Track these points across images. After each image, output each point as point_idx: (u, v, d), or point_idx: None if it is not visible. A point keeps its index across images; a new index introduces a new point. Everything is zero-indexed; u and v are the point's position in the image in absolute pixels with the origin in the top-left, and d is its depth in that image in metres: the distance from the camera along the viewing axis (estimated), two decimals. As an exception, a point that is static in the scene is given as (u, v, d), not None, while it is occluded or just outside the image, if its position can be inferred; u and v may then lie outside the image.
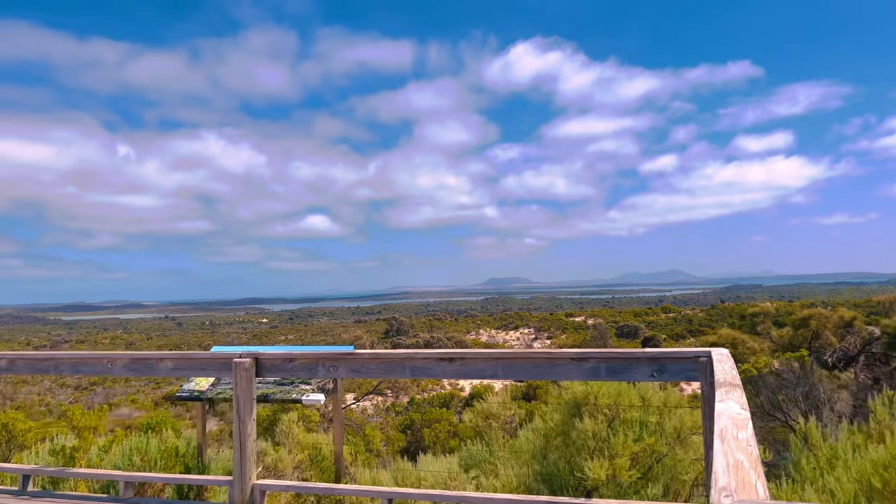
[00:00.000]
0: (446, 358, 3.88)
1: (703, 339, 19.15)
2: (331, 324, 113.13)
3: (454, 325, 75.27)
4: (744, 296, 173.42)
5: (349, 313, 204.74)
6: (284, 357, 4.34)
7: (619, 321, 65.79)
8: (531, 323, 71.79)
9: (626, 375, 3.59)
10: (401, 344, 47.59)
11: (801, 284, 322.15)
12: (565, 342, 56.95)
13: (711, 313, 74.32)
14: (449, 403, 24.17)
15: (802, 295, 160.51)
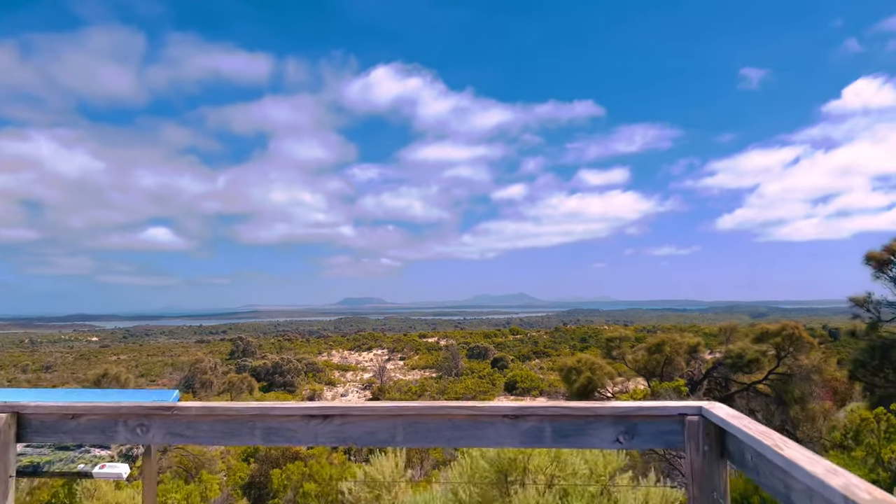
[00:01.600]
0: (319, 415, 2.71)
1: (561, 363, 19.92)
2: (170, 343, 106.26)
3: (305, 346, 73.37)
4: (583, 319, 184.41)
5: (191, 332, 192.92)
6: (63, 412, 2.80)
7: (469, 342, 67.34)
8: (385, 344, 71.64)
9: (581, 440, 2.60)
10: (246, 366, 45.52)
11: (633, 310, 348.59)
12: (418, 363, 57.29)
13: (555, 335, 78.21)
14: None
15: (635, 319, 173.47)
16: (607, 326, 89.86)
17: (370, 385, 44.80)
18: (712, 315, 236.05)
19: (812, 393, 14.47)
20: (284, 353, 54.06)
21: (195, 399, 34.75)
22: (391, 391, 40.06)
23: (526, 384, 42.14)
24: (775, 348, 15.25)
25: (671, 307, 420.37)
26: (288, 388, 41.85)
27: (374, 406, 2.76)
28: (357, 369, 54.98)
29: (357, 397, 41.17)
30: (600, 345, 60.98)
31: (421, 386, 42.42)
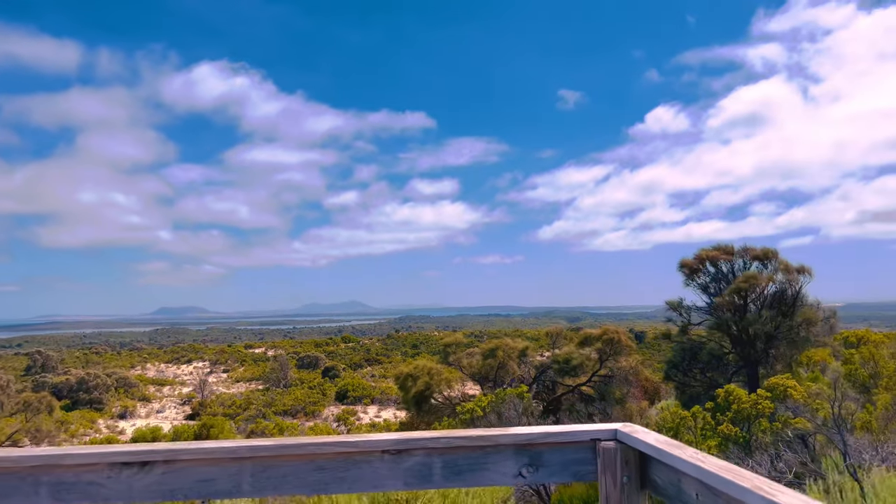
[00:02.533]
0: (134, 461, 2.02)
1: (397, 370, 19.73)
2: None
3: (116, 358, 67.35)
4: (415, 325, 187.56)
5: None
6: None
7: (300, 352, 65.59)
8: (206, 356, 67.76)
9: (478, 476, 2.15)
10: (45, 383, 40.74)
11: (462, 315, 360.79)
12: (243, 375, 54.77)
13: (388, 342, 78.58)
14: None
15: (464, 325, 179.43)
16: (437, 332, 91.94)
17: (190, 400, 42.01)
18: (533, 319, 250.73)
19: (629, 393, 15.58)
20: (91, 368, 49.13)
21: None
22: (213, 405, 37.80)
23: (358, 392, 41.78)
24: (598, 352, 16.29)
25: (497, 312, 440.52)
26: (95, 406, 38.04)
27: (210, 446, 2.06)
28: (175, 383, 51.46)
29: (175, 413, 38.35)
30: (432, 350, 62.18)
31: (246, 399, 40.51)
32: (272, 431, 24.37)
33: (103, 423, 33.04)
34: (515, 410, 10.10)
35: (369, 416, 36.49)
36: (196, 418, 33.15)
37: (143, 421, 34.44)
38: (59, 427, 25.75)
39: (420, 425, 15.17)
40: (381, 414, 36.74)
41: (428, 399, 15.33)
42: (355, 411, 36.87)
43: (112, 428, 31.82)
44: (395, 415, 35.47)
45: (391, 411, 37.32)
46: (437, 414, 14.76)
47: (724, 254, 15.75)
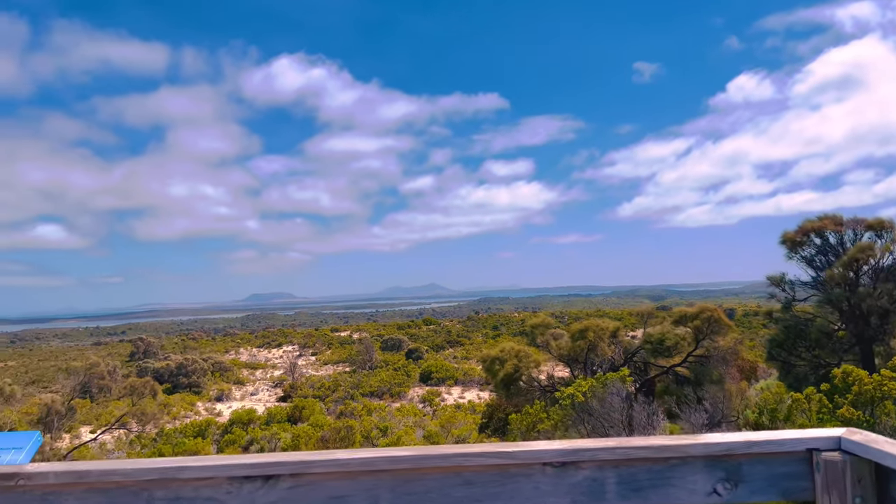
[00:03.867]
0: (257, 475, 1.81)
1: (483, 353, 19.59)
2: (63, 347, 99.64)
3: (211, 344, 70.47)
4: (494, 307, 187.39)
5: (86, 334, 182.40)
6: None
7: (383, 334, 66.65)
8: (295, 339, 69.86)
9: (661, 494, 1.77)
10: (148, 368, 43.02)
11: (541, 297, 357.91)
12: (331, 358, 56.15)
13: (468, 324, 78.77)
14: (205, 432, 22.05)
15: (543, 306, 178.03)
16: (517, 314, 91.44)
17: (281, 382, 43.41)
18: (615, 299, 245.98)
19: (727, 373, 14.83)
20: (189, 353, 51.60)
21: (92, 405, 32.37)
22: (303, 387, 38.89)
23: (441, 374, 42.04)
24: (693, 331, 15.55)
25: (577, 293, 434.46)
26: (194, 389, 39.89)
27: (343, 457, 1.79)
28: (267, 367, 53.29)
29: (268, 395, 39.72)
30: (512, 331, 61.78)
31: (334, 381, 41.48)
32: (360, 412, 24.82)
33: (202, 406, 34.58)
34: (619, 395, 9.64)
35: (453, 396, 36.66)
36: (288, 400, 34.20)
37: (238, 403, 35.84)
38: (162, 410, 27.09)
39: (509, 408, 14.99)
40: (465, 395, 36.84)
41: (516, 382, 15.07)
42: (439, 392, 37.12)
43: (210, 410, 33.25)
44: (479, 396, 35.48)
45: (474, 392, 37.36)
46: (527, 397, 14.49)
47: (832, 224, 14.65)
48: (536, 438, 10.00)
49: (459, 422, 20.45)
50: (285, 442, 18.13)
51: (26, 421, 23.66)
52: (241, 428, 21.90)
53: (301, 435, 17.29)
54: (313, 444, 14.92)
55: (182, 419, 29.09)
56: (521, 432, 10.45)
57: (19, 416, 24.08)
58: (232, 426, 22.61)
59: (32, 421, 23.81)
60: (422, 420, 24.02)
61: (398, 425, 20.50)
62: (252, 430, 21.42)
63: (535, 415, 10.57)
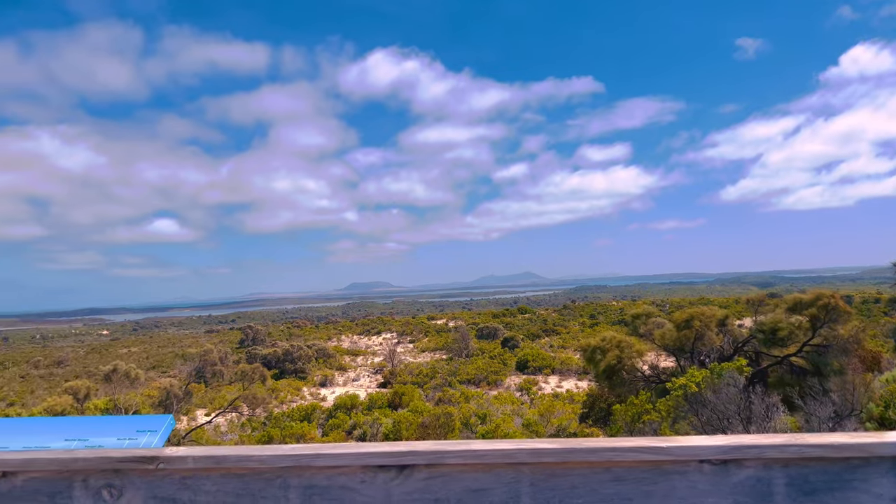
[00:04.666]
0: (392, 465, 1.75)
1: (584, 343, 19.30)
2: (179, 334, 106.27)
3: (314, 331, 73.07)
4: (590, 296, 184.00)
5: (200, 323, 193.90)
6: None
7: (479, 322, 66.90)
8: (393, 327, 71.28)
9: (838, 499, 1.57)
10: (256, 355, 45.16)
11: (640, 285, 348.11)
12: (428, 345, 56.94)
13: (564, 313, 77.77)
14: (310, 416, 22.90)
15: (642, 294, 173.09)
16: (615, 302, 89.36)
17: (381, 369, 44.45)
18: (720, 287, 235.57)
19: (849, 364, 13.85)
20: (294, 340, 53.73)
21: (206, 389, 34.35)
22: (402, 374, 39.66)
23: (538, 363, 41.73)
24: (810, 319, 14.59)
25: (678, 280, 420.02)
26: (299, 375, 41.51)
27: (481, 448, 1.69)
28: (367, 353, 54.67)
29: (369, 381, 40.80)
30: (610, 320, 60.39)
31: (432, 368, 42.04)
32: (458, 399, 25.04)
33: (307, 391, 35.95)
34: (735, 386, 9.12)
35: (550, 385, 36.34)
36: (388, 386, 34.99)
37: (341, 389, 37.01)
38: (271, 394, 28.35)
39: (611, 398, 14.64)
40: (563, 384, 36.45)
41: (619, 372, 14.65)
42: (536, 381, 36.88)
43: (315, 395, 34.52)
44: (577, 385, 35.00)
45: (572, 381, 36.89)
46: (630, 387, 14.08)
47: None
48: (642, 430, 9.71)
49: (558, 411, 20.23)
50: (386, 427, 18.55)
51: (149, 403, 25.40)
52: (344, 413, 22.60)
53: (402, 421, 17.63)
54: (414, 429, 15.18)
55: (289, 403, 30.36)
56: (626, 423, 10.18)
57: (142, 398, 25.88)
58: (336, 411, 23.36)
59: (154, 403, 25.52)
60: (520, 408, 23.95)
61: (496, 413, 20.52)
62: (355, 414, 22.06)
63: (640, 406, 10.25)
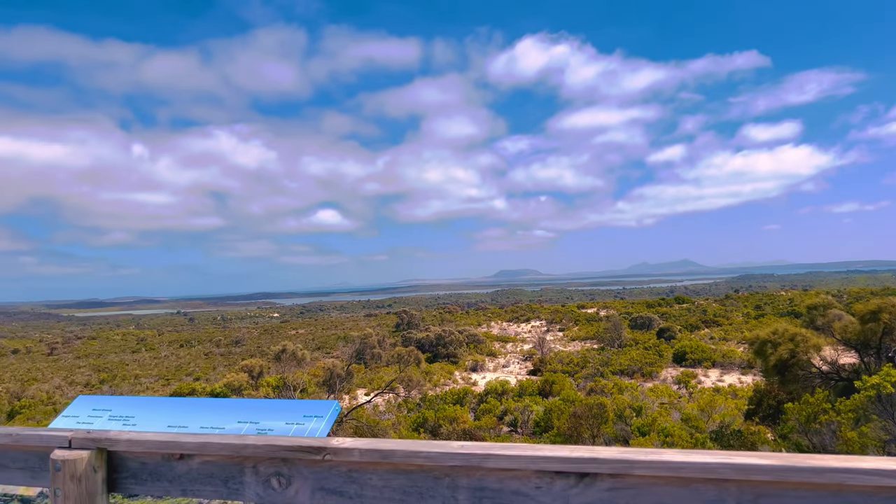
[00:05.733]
0: (571, 472, 1.57)
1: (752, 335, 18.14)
2: (341, 318, 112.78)
3: (465, 317, 74.53)
4: (756, 285, 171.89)
5: (359, 307, 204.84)
6: (166, 450, 1.85)
7: (631, 312, 64.83)
8: (542, 315, 70.97)
9: None
10: (411, 339, 46.86)
11: (813, 273, 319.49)
12: (578, 334, 56.16)
13: (726, 303, 73.30)
14: (463, 400, 23.44)
15: (815, 284, 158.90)
16: (784, 292, 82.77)
17: (531, 356, 44.47)
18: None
19: None
20: (446, 325, 55.14)
21: (365, 370, 36.25)
22: (552, 362, 39.42)
23: (696, 355, 39.72)
24: None
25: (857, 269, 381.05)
26: (451, 359, 42.58)
27: (676, 459, 1.46)
28: (517, 340, 54.90)
29: (518, 368, 41.00)
30: (778, 311, 56.07)
31: (583, 357, 41.41)
32: (611, 390, 24.49)
33: (459, 375, 36.81)
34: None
35: (711, 379, 34.47)
36: (538, 374, 34.96)
37: (491, 374, 37.51)
38: (425, 377, 29.34)
39: (781, 395, 13.59)
40: (724, 378, 34.42)
41: (791, 367, 13.53)
42: (695, 374, 35.14)
43: (466, 380, 35.27)
44: (740, 380, 32.91)
45: (734, 376, 34.73)
46: (804, 384, 12.96)
47: None
48: (818, 430, 8.88)
49: (720, 406, 19.17)
50: (538, 414, 18.56)
51: (314, 382, 27.26)
52: (495, 398, 22.90)
53: (553, 409, 17.56)
54: (565, 418, 15.06)
55: (442, 387, 31.24)
56: (800, 423, 9.38)
57: (308, 377, 27.84)
58: (487, 396, 23.72)
59: (318, 382, 27.33)
60: (677, 402, 22.98)
61: (652, 406, 19.85)
62: (506, 400, 22.27)
63: (816, 405, 9.39)
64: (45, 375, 52.64)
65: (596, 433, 13.79)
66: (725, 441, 11.98)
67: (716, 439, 12.49)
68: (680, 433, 13.38)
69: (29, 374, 55.12)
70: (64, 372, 54.26)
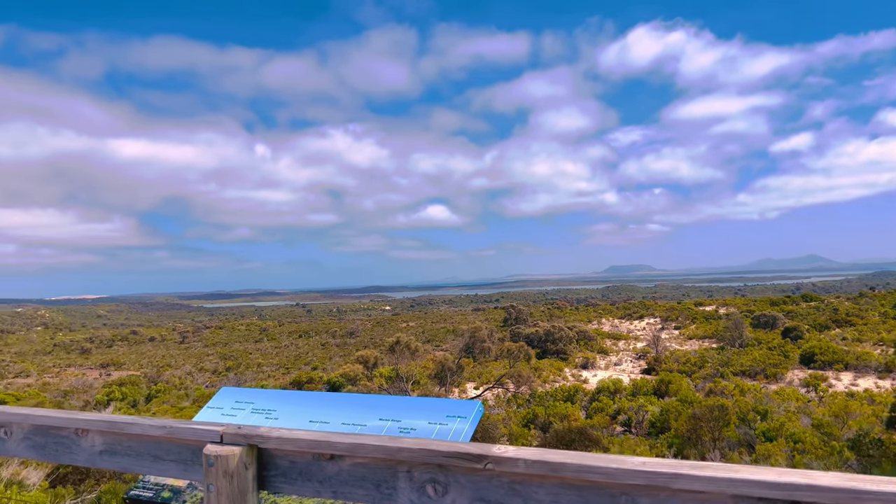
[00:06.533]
0: (781, 500, 1.31)
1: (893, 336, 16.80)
2: (450, 311, 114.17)
3: (574, 313, 73.48)
4: (893, 282, 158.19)
5: (467, 301, 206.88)
6: (317, 449, 1.79)
7: (754, 310, 61.46)
8: (657, 312, 68.71)
9: None
10: (520, 334, 46.73)
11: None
12: (695, 333, 53.98)
13: (860, 302, 67.94)
14: (573, 397, 23.11)
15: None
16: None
17: (644, 355, 43.18)
18: None
19: None
20: (555, 321, 54.57)
21: (475, 364, 36.53)
22: (668, 361, 38.08)
23: (827, 357, 37.09)
24: None
25: None
26: (560, 356, 42.10)
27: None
28: (629, 338, 53.49)
29: (631, 367, 39.91)
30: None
31: (701, 357, 39.72)
32: (732, 392, 23.33)
33: (568, 372, 36.33)
34: None
35: (843, 383, 32.07)
36: (652, 373, 33.90)
37: (602, 372, 36.76)
38: (534, 373, 29.18)
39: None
40: (859, 382, 31.93)
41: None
42: (825, 377, 32.83)
43: (576, 377, 34.75)
44: (877, 384, 30.40)
45: (870, 380, 32.11)
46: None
47: None
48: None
49: (855, 412, 17.80)
50: (653, 414, 18.01)
51: (425, 374, 27.78)
52: (607, 396, 22.42)
53: (670, 409, 16.98)
54: (683, 420, 14.52)
55: (551, 383, 30.96)
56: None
57: (420, 369, 28.41)
58: (598, 394, 23.27)
59: (430, 374, 27.83)
60: (805, 406, 21.56)
61: (778, 410, 18.74)
62: (618, 399, 21.76)
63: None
64: (178, 362, 56.87)
65: (717, 436, 13.19)
66: (865, 450, 11.12)
67: (853, 448, 11.61)
68: (812, 440, 12.55)
69: (163, 360, 59.76)
70: (194, 359, 58.39)
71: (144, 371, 45.52)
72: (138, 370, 48.39)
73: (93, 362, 63.20)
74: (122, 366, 57.12)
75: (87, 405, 25.32)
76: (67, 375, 48.37)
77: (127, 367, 54.25)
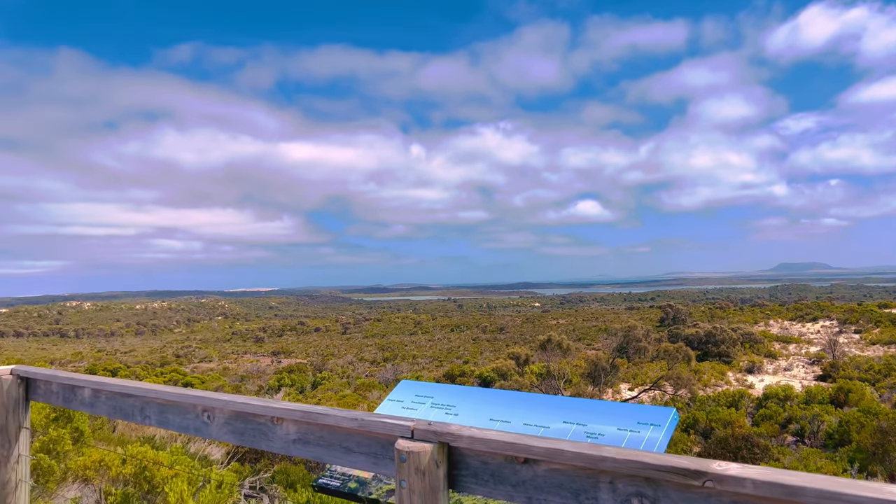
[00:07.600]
0: None
1: None
2: (601, 309, 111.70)
3: (738, 314, 69.03)
4: None
5: (620, 299, 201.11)
6: (510, 451, 1.68)
7: (954, 315, 54.42)
8: (833, 314, 62.81)
9: None
10: (678, 335, 44.75)
11: None
12: (879, 337, 48.77)
13: None
14: (738, 403, 21.81)
15: None
16: None
17: (819, 360, 39.69)
18: None
19: None
20: (717, 322, 51.66)
21: (629, 365, 35.48)
22: (846, 367, 34.74)
23: None
24: None
25: None
26: (723, 359, 39.81)
27: None
28: (801, 342, 49.40)
29: (804, 372, 36.85)
30: None
31: (886, 364, 35.85)
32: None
33: (732, 376, 34.28)
34: None
35: None
36: (828, 380, 31.16)
37: (770, 378, 34.33)
38: (694, 376, 27.86)
39: None
40: None
41: None
42: None
43: (741, 381, 32.70)
44: None
45: None
46: None
47: None
48: None
49: None
50: (830, 426, 16.63)
51: (577, 373, 27.43)
52: (776, 403, 20.94)
53: (850, 420, 15.57)
54: (867, 433, 13.25)
55: (713, 387, 29.39)
56: None
57: (572, 368, 28.09)
58: (766, 401, 21.79)
59: (582, 374, 27.44)
60: None
61: (985, 428, 16.53)
62: (789, 407, 20.26)
63: None
64: (340, 351, 60.48)
65: (908, 453, 11.91)
66: None
67: None
68: None
69: (327, 349, 63.83)
70: (355, 349, 61.82)
71: (311, 359, 48.92)
72: (305, 358, 52.12)
73: (265, 350, 68.97)
74: (291, 353, 61.77)
75: (261, 390, 27.64)
76: (244, 361, 53.19)
77: (295, 355, 58.59)
